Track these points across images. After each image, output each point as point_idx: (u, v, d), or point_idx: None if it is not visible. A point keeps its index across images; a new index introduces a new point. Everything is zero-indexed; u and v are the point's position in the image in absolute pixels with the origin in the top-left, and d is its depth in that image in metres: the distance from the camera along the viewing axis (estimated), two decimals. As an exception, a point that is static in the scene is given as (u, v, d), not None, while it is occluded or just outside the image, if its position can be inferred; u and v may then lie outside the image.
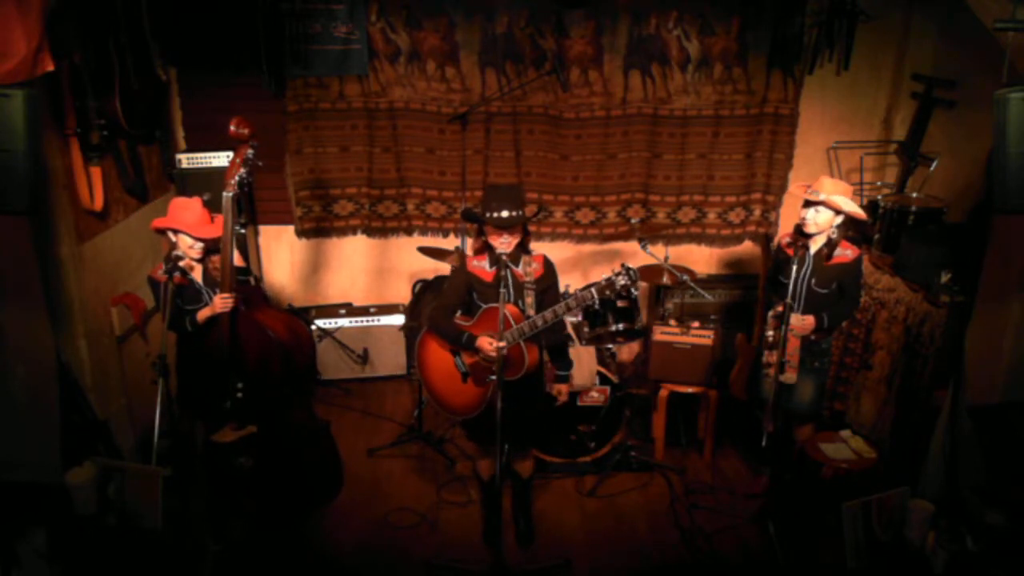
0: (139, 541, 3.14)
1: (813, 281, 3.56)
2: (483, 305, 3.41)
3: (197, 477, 3.62)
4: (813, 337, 3.59)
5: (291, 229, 5.35)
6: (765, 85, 4.98)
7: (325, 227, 5.37)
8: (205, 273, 3.52)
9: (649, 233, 4.53)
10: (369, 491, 4.20)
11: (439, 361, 3.55)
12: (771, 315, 3.57)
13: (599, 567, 3.68)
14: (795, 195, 3.67)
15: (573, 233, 5.38)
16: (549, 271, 3.50)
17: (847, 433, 3.83)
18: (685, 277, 4.35)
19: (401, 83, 4.99)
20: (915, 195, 4.66)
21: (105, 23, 3.88)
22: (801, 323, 3.49)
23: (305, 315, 5.18)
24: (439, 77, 4.98)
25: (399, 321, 5.26)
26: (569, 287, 4.71)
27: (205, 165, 4.69)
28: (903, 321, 4.12)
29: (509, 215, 3.26)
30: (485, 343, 3.30)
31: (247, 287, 3.65)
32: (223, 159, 4.65)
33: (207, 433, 3.56)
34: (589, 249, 5.43)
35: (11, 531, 2.99)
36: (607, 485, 4.24)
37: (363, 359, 5.29)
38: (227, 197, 3.30)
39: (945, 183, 4.63)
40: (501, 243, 3.31)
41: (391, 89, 5.01)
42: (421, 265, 5.28)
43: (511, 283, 3.35)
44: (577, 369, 4.16)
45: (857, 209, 3.45)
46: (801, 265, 3.51)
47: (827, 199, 3.40)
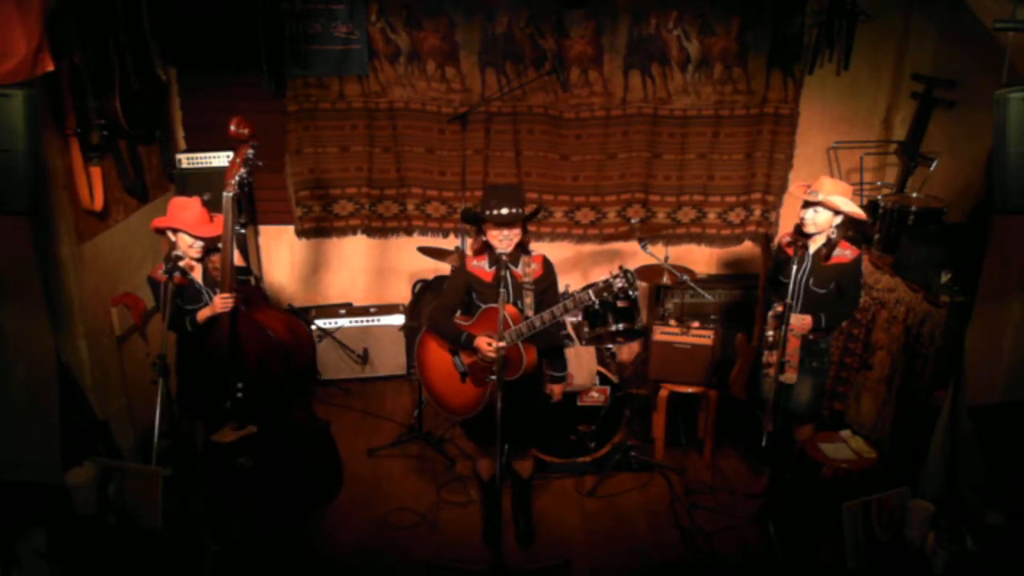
0: (139, 541, 3.14)
1: (811, 281, 3.56)
2: (482, 305, 3.41)
3: (197, 477, 3.62)
4: (811, 337, 3.59)
5: (291, 229, 5.35)
6: (765, 85, 4.98)
7: (325, 227, 5.37)
8: (205, 273, 3.52)
9: (649, 233, 4.53)
10: (369, 491, 4.20)
11: (439, 361, 3.55)
12: (771, 315, 3.57)
13: (599, 567, 3.68)
14: (795, 195, 3.67)
15: (573, 233, 5.38)
16: (548, 271, 3.49)
17: (847, 433, 3.83)
18: (685, 277, 4.35)
19: (401, 83, 4.99)
20: (915, 195, 4.66)
21: (105, 23, 3.88)
22: (800, 323, 3.49)
23: (305, 315, 5.18)
24: (439, 77, 4.98)
25: (399, 321, 5.26)
26: (569, 287, 4.71)
27: (205, 165, 4.69)
28: (903, 321, 4.12)
29: (509, 212, 3.25)
30: (483, 343, 3.30)
31: (247, 287, 3.65)
32: (223, 159, 4.65)
33: (207, 433, 3.56)
34: (589, 249, 5.43)
35: (11, 531, 2.99)
36: (607, 485, 4.24)
37: (363, 359, 5.29)
38: (227, 197, 3.30)
39: (945, 183, 4.63)
40: (501, 241, 3.29)
41: (391, 89, 5.01)
42: (421, 265, 5.28)
43: (510, 283, 3.34)
44: (577, 369, 4.16)
45: (856, 209, 3.45)
46: (800, 265, 3.51)
47: (825, 199, 3.40)
